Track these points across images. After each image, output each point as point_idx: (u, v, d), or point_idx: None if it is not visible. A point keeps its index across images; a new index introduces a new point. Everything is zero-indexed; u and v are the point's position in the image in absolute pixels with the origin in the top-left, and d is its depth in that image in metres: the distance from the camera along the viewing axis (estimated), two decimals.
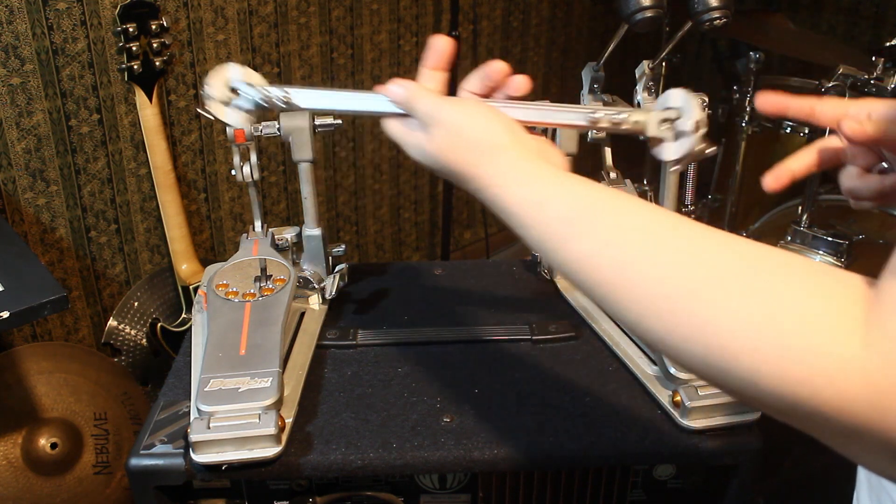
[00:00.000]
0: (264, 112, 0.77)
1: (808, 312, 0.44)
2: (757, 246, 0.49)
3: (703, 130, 0.67)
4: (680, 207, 1.08)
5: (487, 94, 0.71)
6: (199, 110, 0.83)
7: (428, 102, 0.66)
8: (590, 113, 0.70)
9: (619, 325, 1.01)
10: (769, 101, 0.70)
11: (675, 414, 0.86)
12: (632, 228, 0.53)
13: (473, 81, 0.71)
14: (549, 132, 1.01)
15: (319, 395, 0.91)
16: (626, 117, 0.69)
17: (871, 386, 0.41)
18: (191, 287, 1.80)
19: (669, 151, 0.70)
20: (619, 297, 0.51)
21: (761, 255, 0.48)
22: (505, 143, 0.61)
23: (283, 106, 0.75)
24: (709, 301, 0.47)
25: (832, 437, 0.44)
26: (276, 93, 0.75)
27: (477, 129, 0.62)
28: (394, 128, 0.70)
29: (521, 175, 0.59)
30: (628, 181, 1.10)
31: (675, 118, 0.70)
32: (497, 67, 0.69)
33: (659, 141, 0.70)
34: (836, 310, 0.44)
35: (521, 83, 0.70)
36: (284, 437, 0.82)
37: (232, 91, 0.77)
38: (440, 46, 0.71)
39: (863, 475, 0.66)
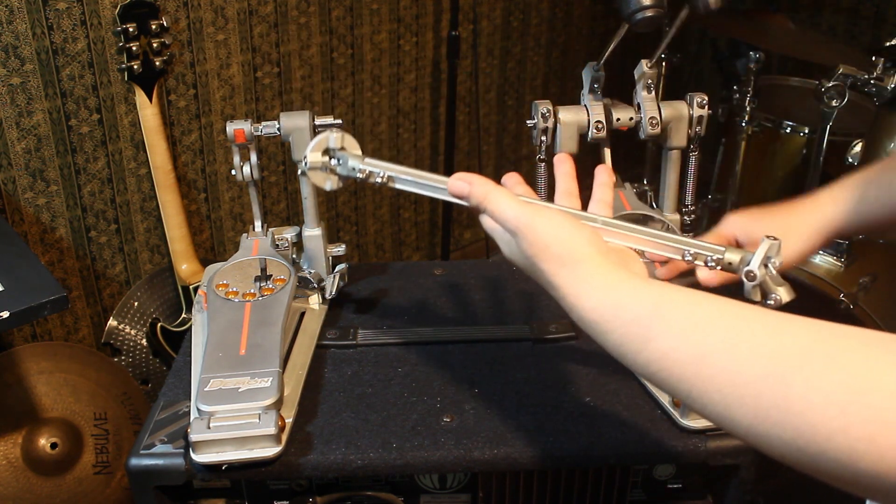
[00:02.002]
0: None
1: (880, 379, 0.44)
2: (829, 324, 0.49)
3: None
4: (680, 207, 1.08)
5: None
6: (299, 173, 0.90)
7: (509, 210, 0.67)
8: (686, 249, 0.71)
9: None
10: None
11: (675, 414, 0.86)
12: (707, 320, 0.54)
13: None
14: (549, 133, 1.02)
15: (319, 395, 0.91)
16: (721, 258, 0.70)
17: None
18: (191, 287, 1.80)
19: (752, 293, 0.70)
20: (704, 389, 0.52)
21: (836, 332, 0.48)
22: (585, 255, 0.64)
23: (379, 181, 0.80)
24: (792, 382, 0.47)
25: None
26: (377, 171, 0.80)
27: (561, 240, 0.64)
28: (488, 223, 0.71)
29: (598, 283, 0.61)
30: (627, 184, 1.10)
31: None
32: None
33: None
34: None
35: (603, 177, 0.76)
36: (284, 437, 0.82)
37: (329, 156, 0.83)
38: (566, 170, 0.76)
39: None
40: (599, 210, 0.74)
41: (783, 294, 0.66)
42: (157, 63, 1.68)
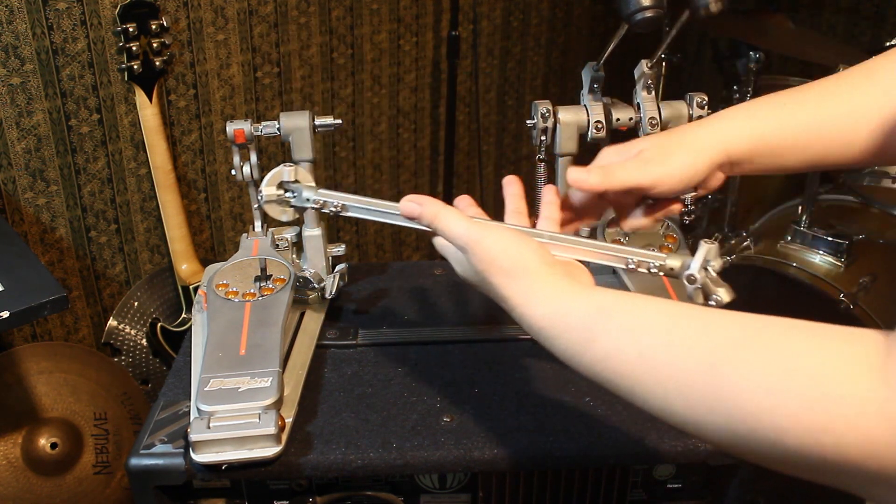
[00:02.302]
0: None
1: (822, 362, 0.46)
2: (756, 316, 0.53)
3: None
4: None
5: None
6: (254, 208, 0.94)
7: (458, 228, 0.71)
8: (629, 257, 0.75)
9: None
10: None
11: None
12: (646, 321, 0.58)
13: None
14: (548, 133, 1.02)
15: (319, 395, 0.91)
16: (663, 264, 0.73)
17: (892, 423, 0.42)
18: (191, 287, 1.80)
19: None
20: (643, 383, 0.56)
21: (766, 322, 0.52)
22: (531, 267, 0.67)
23: (334, 211, 0.82)
24: (724, 371, 0.50)
25: (862, 486, 0.45)
26: (331, 202, 0.82)
27: (509, 255, 0.68)
28: (439, 243, 0.76)
29: (545, 293, 0.65)
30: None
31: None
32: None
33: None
34: (849, 356, 0.45)
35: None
36: (284, 437, 0.82)
37: (284, 189, 0.86)
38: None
39: None
40: (547, 227, 0.78)
41: (723, 295, 0.69)
42: (157, 63, 1.68)
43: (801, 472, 0.48)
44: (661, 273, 0.73)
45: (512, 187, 0.81)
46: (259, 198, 0.85)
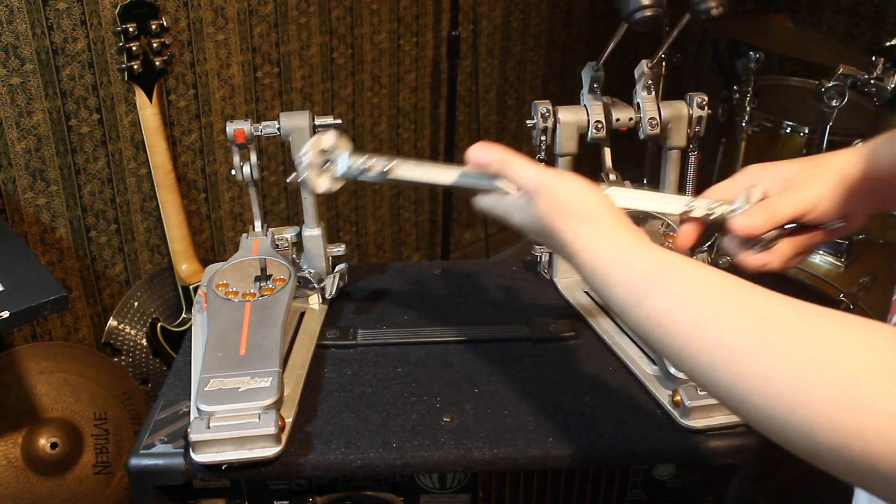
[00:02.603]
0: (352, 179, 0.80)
1: (862, 365, 0.46)
2: (809, 305, 0.53)
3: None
4: None
5: None
6: (288, 181, 0.88)
7: (530, 171, 0.72)
8: (686, 203, 0.78)
9: (619, 325, 1.01)
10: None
11: (675, 414, 0.86)
12: (703, 288, 0.59)
13: None
14: (548, 133, 1.02)
15: (319, 395, 0.91)
16: (720, 212, 0.77)
17: None
18: (191, 287, 1.80)
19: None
20: (692, 350, 0.56)
21: (813, 312, 0.52)
22: (602, 213, 0.68)
23: (382, 175, 0.79)
24: (768, 356, 0.51)
25: (889, 493, 0.46)
26: (378, 166, 0.78)
27: (579, 198, 0.69)
28: (487, 202, 0.76)
29: (615, 240, 0.66)
30: (628, 182, 1.10)
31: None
32: None
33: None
34: (882, 364, 0.46)
35: None
36: (284, 437, 0.82)
37: (324, 158, 0.80)
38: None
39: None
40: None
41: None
42: (157, 63, 1.68)
43: (833, 469, 0.48)
44: (712, 217, 0.76)
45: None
46: (300, 165, 0.80)
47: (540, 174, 0.72)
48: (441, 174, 0.78)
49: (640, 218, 1.02)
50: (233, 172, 1.05)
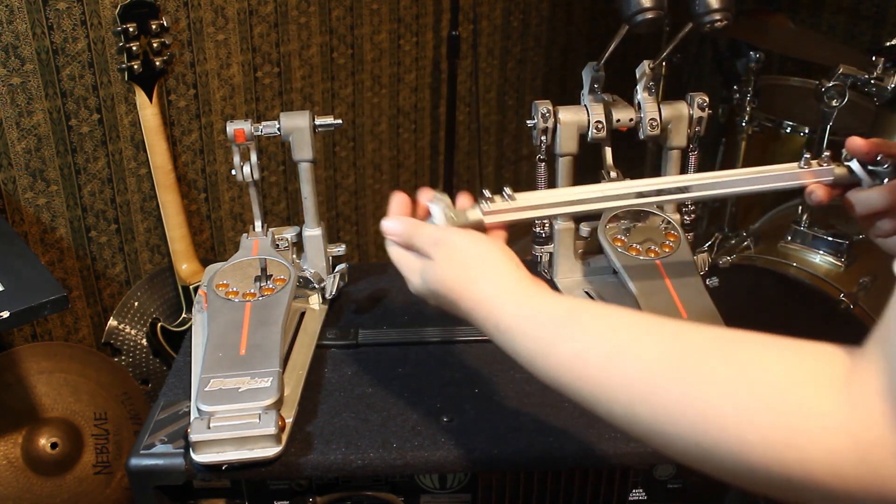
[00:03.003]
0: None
1: (787, 375, 0.46)
2: (728, 329, 0.53)
3: None
4: (680, 207, 1.08)
5: None
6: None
7: (430, 229, 0.72)
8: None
9: None
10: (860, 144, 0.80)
11: None
12: (616, 325, 0.57)
13: None
14: (549, 133, 1.01)
15: (319, 395, 0.91)
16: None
17: (855, 440, 0.42)
18: (191, 287, 1.80)
19: None
20: (608, 389, 0.54)
21: (734, 335, 0.51)
22: (503, 265, 0.67)
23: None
24: (691, 379, 0.49)
25: (841, 498, 0.44)
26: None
27: (479, 251, 0.68)
28: (396, 254, 0.75)
29: (518, 292, 0.65)
30: (629, 181, 1.10)
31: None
32: None
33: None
34: (815, 372, 0.45)
35: None
36: (284, 437, 0.82)
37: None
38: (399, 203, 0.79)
39: None
40: None
41: None
42: (158, 63, 1.68)
43: (765, 487, 0.46)
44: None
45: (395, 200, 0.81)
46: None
47: (439, 231, 0.71)
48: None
49: (640, 214, 1.02)
50: (233, 172, 1.05)
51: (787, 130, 1.97)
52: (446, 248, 0.69)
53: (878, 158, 0.78)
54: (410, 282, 0.73)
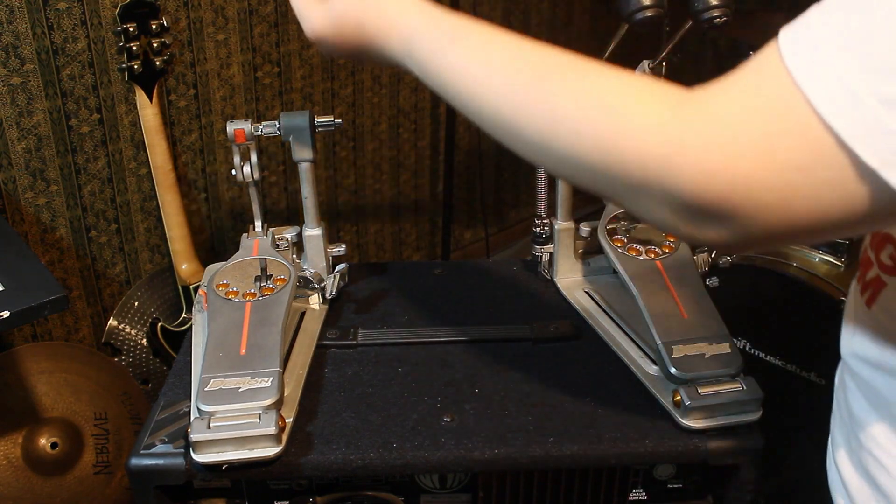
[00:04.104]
0: None
1: (628, 91, 0.54)
2: (583, 58, 0.62)
3: None
4: None
5: None
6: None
7: None
8: None
9: (619, 325, 1.02)
10: None
11: (676, 414, 0.86)
12: (497, 38, 0.67)
13: None
14: None
15: (319, 395, 0.91)
16: None
17: (665, 142, 0.49)
18: (191, 287, 1.80)
19: None
20: (483, 91, 0.64)
21: (594, 63, 0.60)
22: None
23: None
24: (548, 85, 0.59)
25: (628, 195, 0.54)
26: None
27: None
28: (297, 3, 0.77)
29: (417, 8, 0.71)
30: None
31: None
32: None
33: None
34: (652, 92, 0.53)
35: None
36: (285, 437, 0.82)
37: None
38: None
39: (840, 438, 0.69)
40: None
41: None
42: (158, 63, 1.68)
43: (586, 177, 0.56)
44: None
45: None
46: None
47: None
48: None
49: None
50: (233, 172, 1.05)
51: None
52: None
53: None
54: (310, 19, 0.76)
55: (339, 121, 1.03)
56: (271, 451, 0.80)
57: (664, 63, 1.02)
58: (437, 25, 0.70)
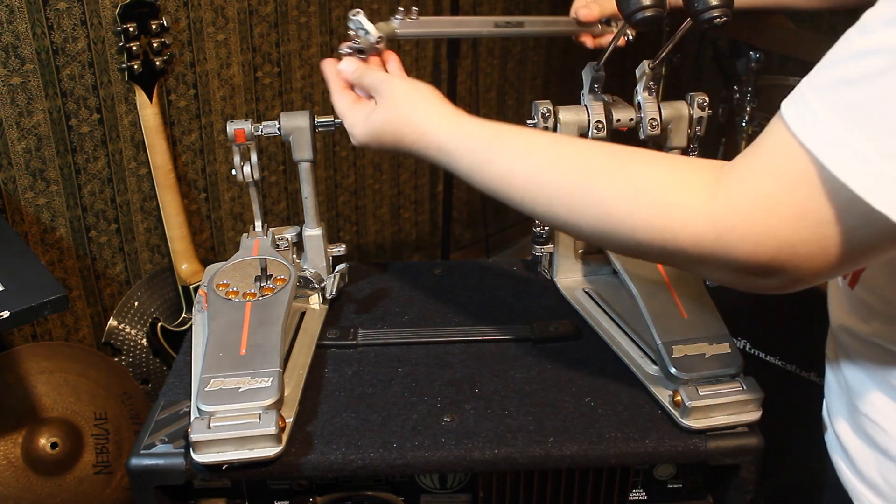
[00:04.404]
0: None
1: (668, 180, 0.62)
2: (622, 146, 0.69)
3: None
4: None
5: None
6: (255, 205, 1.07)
7: (380, 73, 0.87)
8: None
9: (619, 325, 1.02)
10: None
11: (676, 414, 0.86)
12: (535, 145, 0.72)
13: None
14: (549, 131, 1.01)
15: (320, 395, 0.91)
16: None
17: (714, 225, 0.58)
18: (191, 287, 1.80)
19: None
20: (533, 194, 0.70)
21: (628, 149, 0.68)
22: (436, 99, 0.81)
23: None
24: (597, 185, 0.66)
25: (690, 266, 0.64)
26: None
27: (415, 89, 0.82)
28: (342, 105, 0.89)
29: (451, 117, 0.78)
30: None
31: None
32: None
33: None
34: (689, 177, 0.62)
35: None
36: (285, 437, 0.82)
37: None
38: None
39: (839, 405, 0.76)
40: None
41: None
42: (158, 63, 1.68)
43: (650, 258, 0.66)
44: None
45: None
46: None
47: (385, 75, 0.86)
48: None
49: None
50: (233, 172, 1.05)
51: None
52: (390, 90, 0.82)
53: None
54: (354, 132, 0.85)
55: (339, 121, 1.03)
56: (271, 451, 0.80)
57: (664, 63, 1.02)
58: (470, 136, 0.76)
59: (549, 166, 0.70)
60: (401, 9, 0.92)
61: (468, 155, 0.75)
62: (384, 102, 0.82)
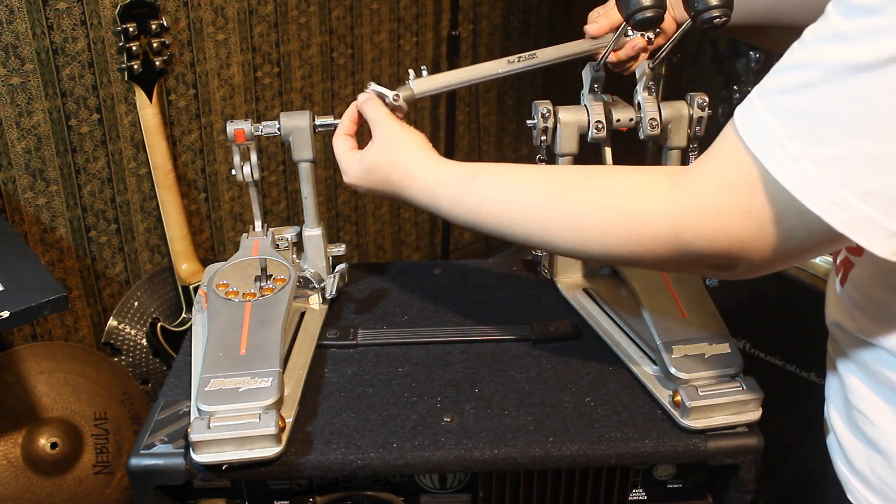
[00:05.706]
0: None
1: (630, 187, 0.69)
2: (588, 166, 0.77)
3: None
4: None
5: None
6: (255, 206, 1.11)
7: (387, 112, 0.92)
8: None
9: (619, 325, 1.02)
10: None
11: (676, 414, 0.86)
12: (508, 175, 0.79)
13: None
14: (549, 133, 1.01)
15: (319, 395, 0.91)
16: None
17: (673, 225, 0.64)
18: (191, 287, 1.80)
19: None
20: (510, 219, 0.76)
21: (592, 168, 0.76)
22: (423, 145, 0.87)
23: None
24: (568, 201, 0.72)
25: (659, 265, 0.70)
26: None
27: (406, 135, 0.88)
28: (341, 147, 0.96)
29: (432, 162, 0.85)
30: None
31: None
32: None
33: None
34: (649, 182, 0.67)
35: None
36: (285, 437, 0.82)
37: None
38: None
39: (835, 398, 0.77)
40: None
41: None
42: (157, 63, 1.68)
43: (621, 262, 0.75)
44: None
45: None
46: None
47: (389, 116, 0.91)
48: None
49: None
50: (233, 172, 1.05)
51: None
52: (388, 131, 0.88)
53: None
54: (348, 172, 0.91)
55: (339, 121, 1.03)
56: (271, 451, 0.80)
57: (664, 63, 1.02)
58: (450, 175, 0.82)
59: (522, 190, 0.76)
60: (411, 71, 0.97)
61: (448, 192, 0.81)
62: (379, 142, 0.88)
